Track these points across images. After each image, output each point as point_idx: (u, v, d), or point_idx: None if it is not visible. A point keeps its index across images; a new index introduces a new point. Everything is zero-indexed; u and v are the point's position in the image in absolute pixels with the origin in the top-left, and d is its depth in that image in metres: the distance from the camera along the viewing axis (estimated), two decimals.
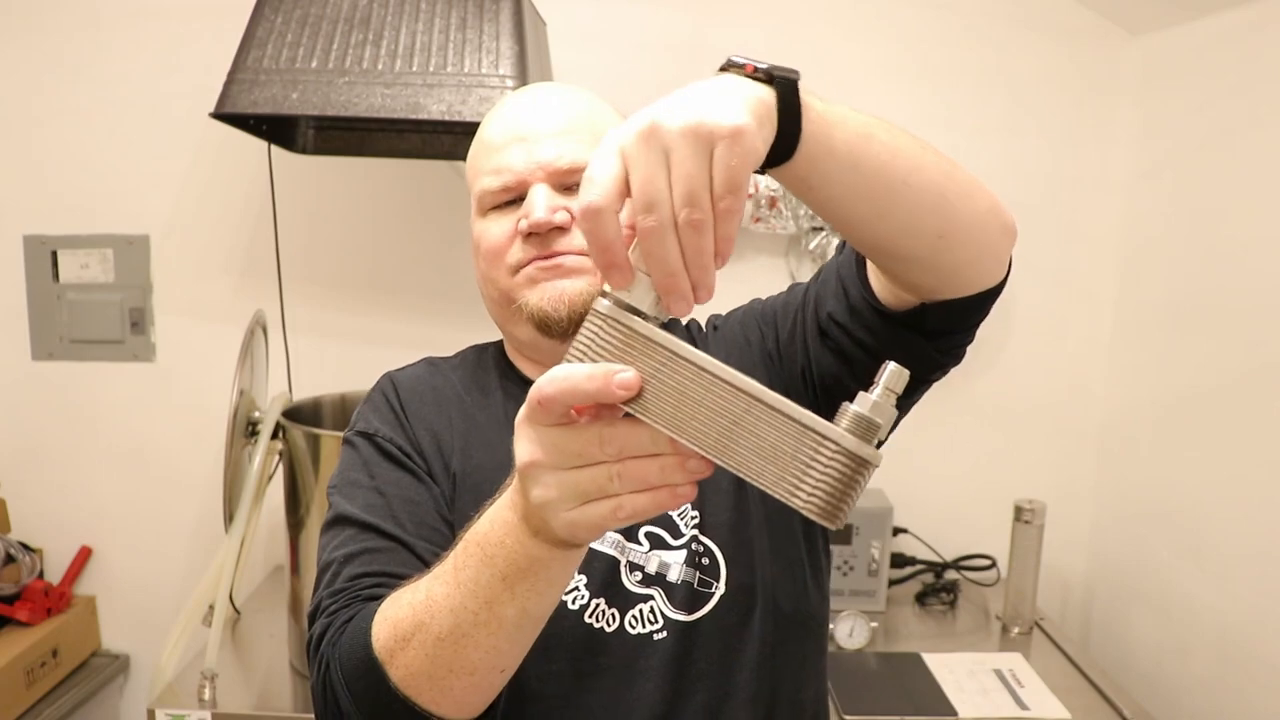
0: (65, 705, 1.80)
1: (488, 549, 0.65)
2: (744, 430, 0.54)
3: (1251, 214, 1.53)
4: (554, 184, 0.86)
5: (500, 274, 0.88)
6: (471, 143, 0.93)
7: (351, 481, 0.87)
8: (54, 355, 1.95)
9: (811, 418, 0.54)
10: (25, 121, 1.88)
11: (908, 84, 1.88)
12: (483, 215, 0.89)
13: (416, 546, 0.82)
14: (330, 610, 0.79)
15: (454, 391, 0.93)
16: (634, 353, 0.56)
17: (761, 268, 1.93)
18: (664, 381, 0.55)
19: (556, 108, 0.89)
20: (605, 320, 0.56)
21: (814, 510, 0.54)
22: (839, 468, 0.53)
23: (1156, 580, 1.75)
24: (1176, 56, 1.75)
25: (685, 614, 0.85)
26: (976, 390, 1.97)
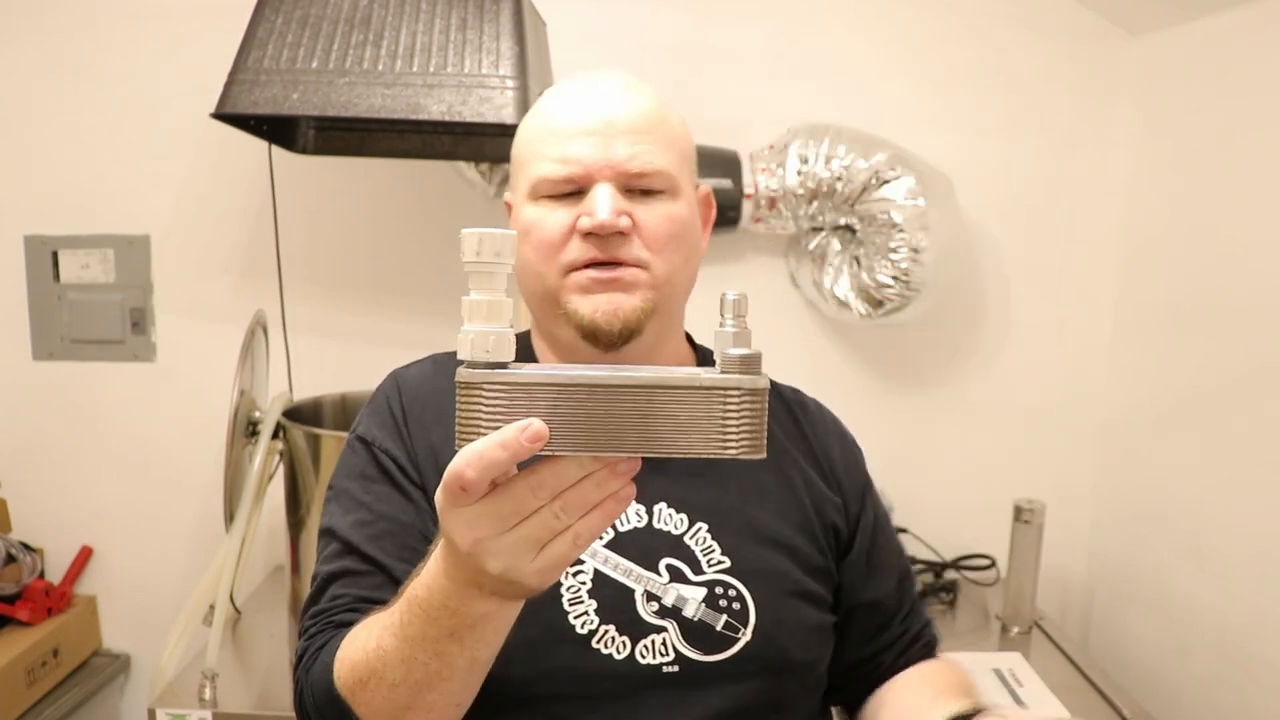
0: (66, 705, 1.80)
1: (430, 611, 0.65)
2: (656, 418, 0.56)
3: (1251, 214, 1.53)
4: (619, 185, 0.83)
5: (551, 270, 0.84)
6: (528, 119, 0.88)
7: (345, 491, 0.88)
8: (54, 355, 1.95)
9: (706, 378, 0.57)
10: (25, 121, 1.88)
11: (908, 84, 1.88)
12: (534, 201, 0.85)
13: (394, 570, 0.83)
14: (310, 632, 0.82)
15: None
16: (522, 403, 0.56)
17: (761, 268, 1.94)
18: (564, 412, 0.56)
19: (634, 105, 0.85)
20: (479, 389, 0.56)
21: (745, 451, 0.58)
22: (750, 407, 0.57)
23: (1156, 580, 1.75)
24: (1176, 56, 1.75)
25: (702, 654, 0.83)
26: (977, 390, 1.97)
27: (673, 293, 0.87)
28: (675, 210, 0.85)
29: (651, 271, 0.84)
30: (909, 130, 1.81)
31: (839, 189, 1.74)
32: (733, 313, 0.60)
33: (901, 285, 1.73)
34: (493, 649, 0.68)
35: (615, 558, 0.84)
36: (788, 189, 1.77)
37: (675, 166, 0.85)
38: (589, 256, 0.83)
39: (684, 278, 0.88)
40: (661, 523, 0.87)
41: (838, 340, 1.96)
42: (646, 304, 0.84)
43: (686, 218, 0.86)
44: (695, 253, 0.89)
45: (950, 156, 1.82)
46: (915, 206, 1.70)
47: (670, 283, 0.86)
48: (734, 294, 0.61)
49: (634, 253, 0.83)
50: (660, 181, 0.84)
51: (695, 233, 0.89)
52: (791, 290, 1.95)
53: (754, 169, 1.79)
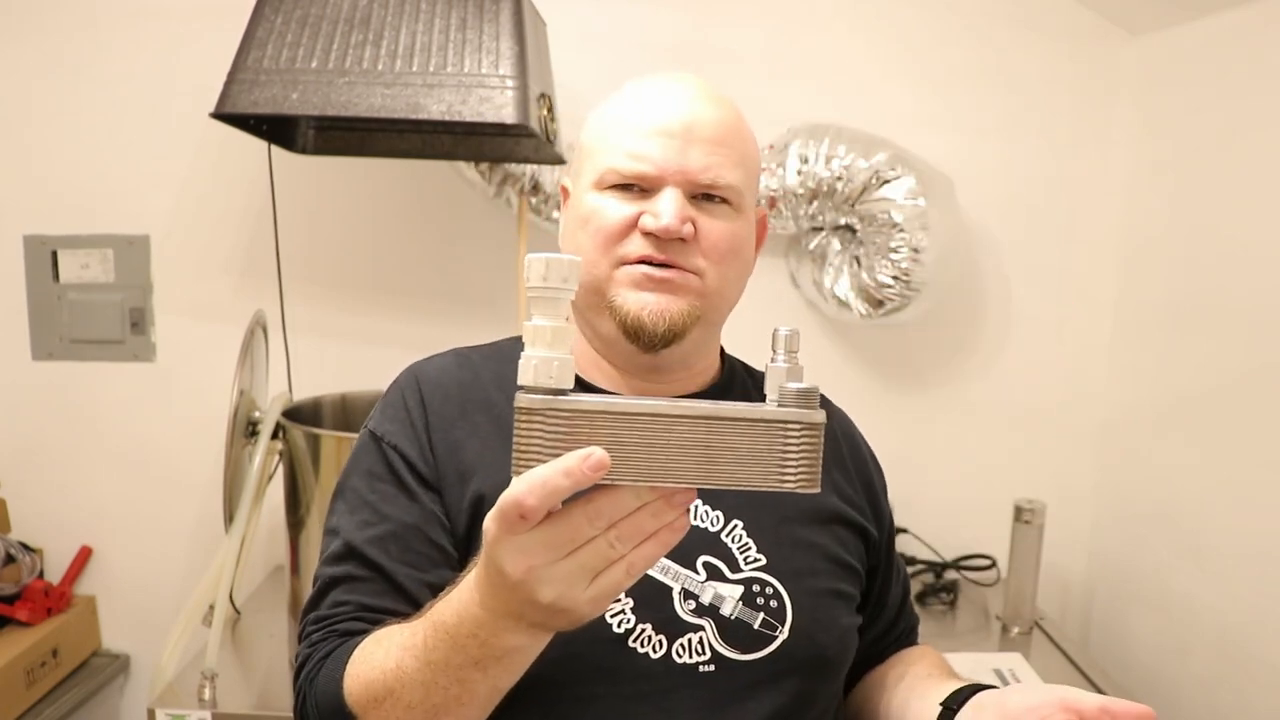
0: (65, 705, 1.80)
1: (459, 640, 0.65)
2: (716, 450, 0.57)
3: (1251, 214, 1.53)
4: (687, 191, 0.83)
5: (604, 261, 0.83)
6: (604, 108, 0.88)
7: (353, 489, 0.87)
8: (54, 355, 1.95)
9: (766, 410, 0.58)
10: (25, 121, 1.88)
11: (908, 84, 1.88)
12: (599, 190, 0.84)
13: (397, 575, 0.82)
14: (313, 639, 0.81)
15: (483, 392, 0.88)
16: (584, 430, 0.56)
17: (761, 268, 1.90)
18: (625, 441, 0.57)
19: (714, 115, 0.84)
20: (540, 415, 0.57)
21: (803, 485, 0.59)
22: (807, 441, 0.59)
23: (1156, 580, 1.75)
24: (1176, 56, 1.75)
25: (739, 652, 0.82)
26: (977, 390, 1.97)
27: (720, 304, 0.87)
28: (737, 225, 0.86)
29: (705, 280, 0.84)
30: (909, 130, 1.81)
31: (839, 189, 1.74)
32: (785, 348, 0.62)
33: (901, 285, 1.73)
34: (516, 678, 0.68)
35: None
36: (788, 189, 1.77)
37: (744, 183, 0.85)
38: (646, 254, 0.82)
39: (733, 293, 0.89)
40: (698, 519, 0.86)
41: (838, 340, 1.96)
42: (694, 310, 0.84)
43: (745, 235, 0.87)
44: (747, 269, 0.90)
45: (950, 156, 1.82)
46: (915, 206, 1.70)
47: (720, 295, 0.86)
48: (786, 330, 0.62)
49: (691, 260, 0.83)
50: (728, 195, 0.84)
51: (750, 250, 0.90)
52: (791, 290, 1.95)
53: None
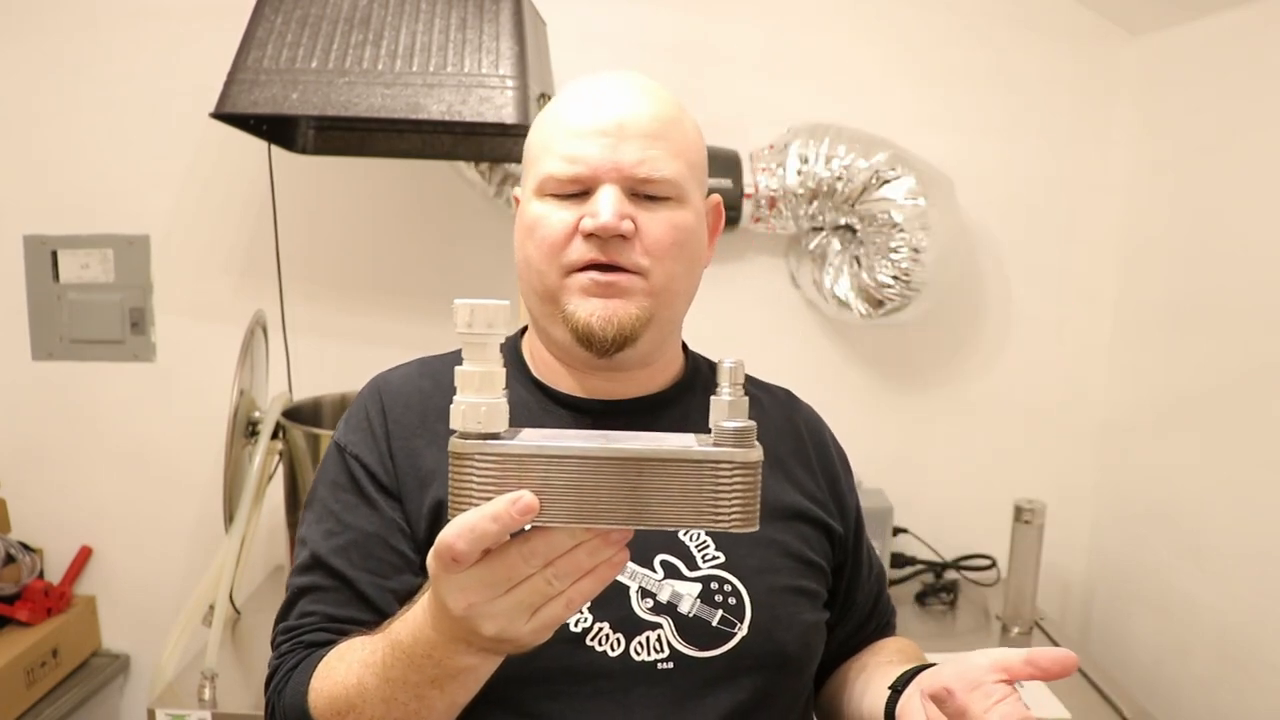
0: (65, 705, 1.80)
1: (414, 660, 0.67)
2: (648, 489, 0.57)
3: (1251, 214, 1.53)
4: (625, 188, 0.82)
5: (552, 270, 0.83)
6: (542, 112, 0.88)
7: (320, 499, 0.89)
8: (54, 355, 1.95)
9: (698, 451, 0.57)
10: (25, 121, 1.88)
11: (908, 84, 1.88)
12: (541, 198, 0.84)
13: (359, 583, 0.83)
14: (281, 650, 0.84)
15: (444, 399, 0.87)
16: (514, 473, 0.57)
17: (761, 268, 1.94)
18: (555, 483, 0.57)
19: (648, 109, 0.83)
20: (471, 459, 0.57)
21: (737, 524, 0.58)
22: (742, 480, 0.57)
23: (1156, 580, 1.75)
24: (1176, 56, 1.75)
25: (697, 650, 0.83)
26: (977, 390, 1.97)
27: (671, 301, 0.86)
28: (680, 218, 0.84)
29: (649, 279, 0.83)
30: (909, 130, 1.81)
31: (839, 189, 1.74)
32: (729, 380, 0.60)
33: (902, 285, 1.73)
34: (473, 693, 0.69)
35: None
36: (788, 189, 1.77)
37: (684, 175, 0.84)
38: (590, 258, 0.82)
39: (684, 287, 0.87)
40: None
41: (838, 340, 1.96)
42: (643, 312, 0.83)
43: (691, 226, 0.86)
44: (698, 262, 0.89)
45: (950, 156, 1.82)
46: (915, 206, 1.70)
47: (668, 291, 0.85)
48: (731, 362, 0.61)
49: (634, 258, 0.82)
50: (667, 189, 0.83)
51: (699, 242, 0.88)
52: (791, 290, 1.95)
53: (754, 169, 1.79)
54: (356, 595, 0.83)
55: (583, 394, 0.89)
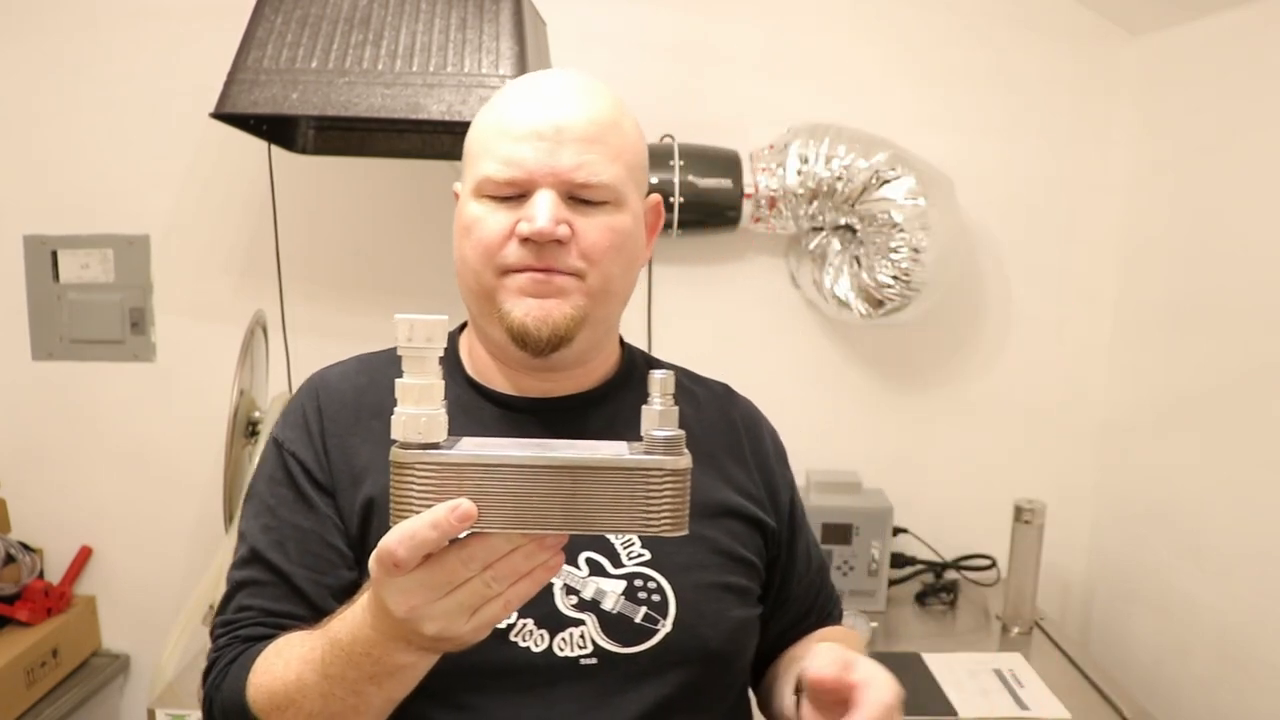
0: (65, 705, 1.80)
1: (353, 657, 0.69)
2: (582, 496, 0.60)
3: (1251, 214, 1.53)
4: (562, 192, 0.82)
5: (487, 271, 0.84)
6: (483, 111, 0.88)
7: (258, 494, 0.90)
8: (54, 355, 1.95)
9: (630, 460, 0.60)
10: (25, 121, 1.88)
11: (908, 84, 1.88)
12: (479, 198, 0.84)
13: (295, 576, 0.85)
14: (219, 644, 0.86)
15: (379, 397, 0.89)
16: (453, 481, 0.59)
17: (761, 268, 1.94)
18: (491, 491, 0.59)
19: (586, 111, 0.83)
20: (411, 468, 0.60)
21: (667, 528, 0.61)
22: (672, 487, 0.60)
23: (1156, 580, 1.75)
24: (1176, 56, 1.75)
25: (621, 646, 0.84)
26: (977, 390, 1.97)
27: (606, 302, 0.87)
28: (617, 222, 0.84)
29: (586, 281, 0.84)
30: (909, 130, 1.81)
31: (839, 189, 1.74)
32: (660, 391, 0.63)
33: (902, 285, 1.73)
34: (409, 689, 0.72)
35: None
36: (788, 189, 1.77)
37: (621, 178, 0.84)
38: (525, 263, 0.82)
39: (620, 288, 0.88)
40: None
41: (838, 340, 1.96)
42: (578, 312, 0.84)
43: (629, 229, 0.86)
44: (635, 263, 0.89)
45: (950, 156, 1.82)
46: (915, 206, 1.70)
47: (605, 292, 0.86)
48: (661, 374, 0.63)
49: (569, 262, 0.82)
50: (604, 193, 0.83)
51: (637, 244, 0.89)
52: (791, 290, 1.95)
53: (754, 169, 1.79)
54: (293, 590, 0.85)
55: (516, 392, 0.90)
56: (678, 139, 1.81)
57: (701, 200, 1.77)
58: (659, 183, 1.76)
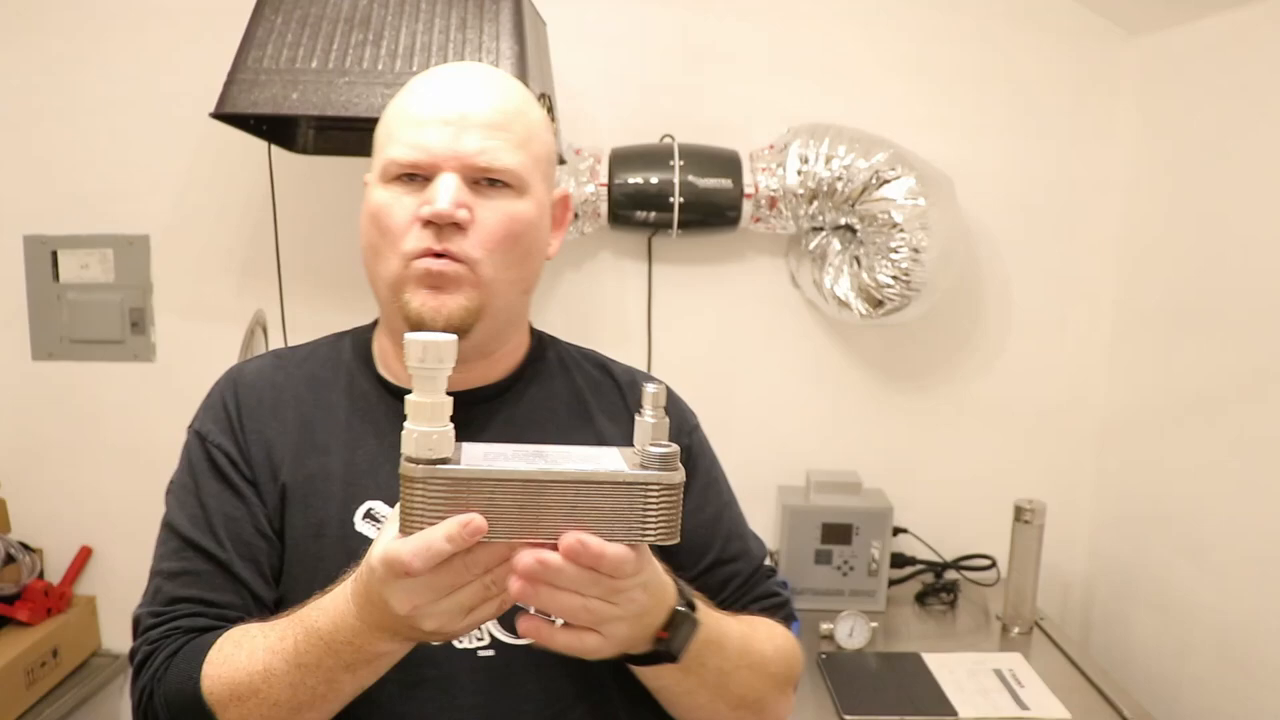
0: (65, 705, 1.80)
1: (334, 646, 0.72)
2: (581, 509, 0.63)
3: (1252, 214, 1.53)
4: (465, 177, 0.83)
5: (394, 257, 0.84)
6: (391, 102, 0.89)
7: (182, 485, 0.91)
8: (54, 355, 1.95)
9: (628, 474, 0.63)
10: (25, 121, 1.88)
11: (908, 83, 1.88)
12: (385, 184, 0.85)
13: (233, 565, 0.86)
14: (153, 636, 0.84)
15: (294, 391, 0.91)
16: (462, 495, 0.62)
17: (762, 268, 1.94)
18: (500, 504, 0.63)
19: (491, 98, 0.85)
20: (422, 483, 0.62)
21: (663, 537, 0.65)
22: (667, 499, 0.64)
23: (1156, 580, 1.75)
24: (1176, 56, 1.75)
25: (516, 636, 0.85)
26: (976, 390, 1.97)
27: (502, 292, 0.87)
28: (518, 209, 0.85)
29: (478, 271, 0.84)
30: (909, 130, 1.81)
31: (839, 189, 1.74)
32: (653, 405, 0.65)
33: (902, 285, 1.73)
34: (378, 678, 0.75)
35: None
36: (788, 189, 1.77)
37: (526, 166, 0.85)
38: (425, 246, 0.83)
39: (517, 278, 0.88)
40: None
41: (838, 340, 1.96)
42: (472, 304, 0.84)
43: (531, 218, 0.86)
44: (536, 254, 0.90)
45: (950, 156, 1.82)
46: (916, 206, 1.70)
47: (498, 282, 0.86)
48: (654, 387, 0.65)
49: (464, 248, 0.83)
50: (507, 178, 0.84)
51: (539, 234, 0.89)
52: (791, 290, 1.95)
53: (754, 169, 1.79)
54: (231, 578, 0.85)
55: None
56: (678, 139, 1.81)
57: (701, 200, 1.77)
58: (659, 183, 1.76)
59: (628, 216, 1.79)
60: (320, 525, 0.85)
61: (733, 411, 1.96)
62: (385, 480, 0.87)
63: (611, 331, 1.95)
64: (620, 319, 1.95)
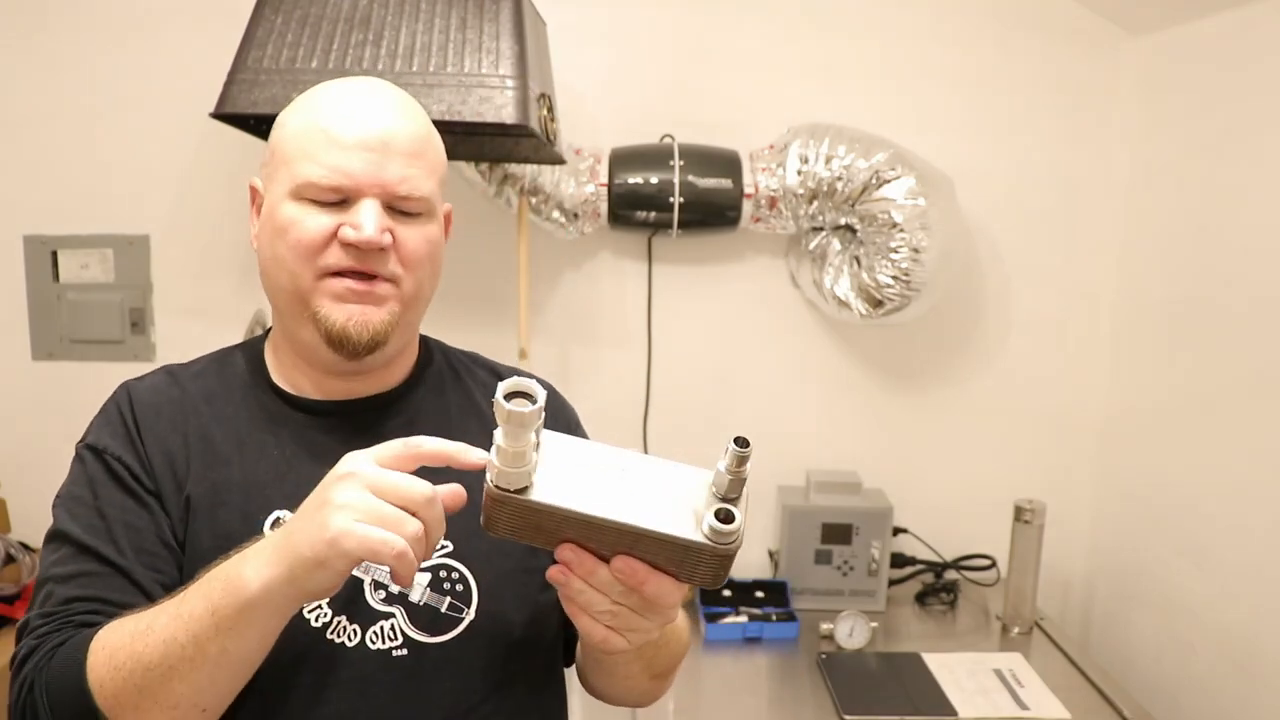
0: None
1: (209, 585, 0.73)
2: (640, 549, 0.67)
3: (1251, 214, 1.54)
4: (384, 202, 0.86)
5: (306, 272, 0.86)
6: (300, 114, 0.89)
7: (75, 498, 0.88)
8: (54, 355, 1.95)
9: (684, 539, 0.65)
10: (25, 121, 1.88)
11: (908, 84, 1.88)
12: (297, 200, 0.86)
13: (134, 572, 0.84)
14: (40, 631, 0.81)
15: (191, 404, 0.93)
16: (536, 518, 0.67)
17: (762, 268, 1.94)
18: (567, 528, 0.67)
19: (409, 128, 0.88)
20: (504, 504, 0.67)
21: (707, 584, 0.69)
22: (715, 564, 0.67)
23: (1156, 580, 1.75)
24: (1176, 56, 1.75)
25: (429, 635, 0.87)
26: (976, 391, 1.97)
27: (416, 306, 0.92)
28: (431, 232, 0.90)
29: (401, 288, 0.88)
30: (909, 130, 1.81)
31: (839, 189, 1.74)
32: (734, 461, 0.67)
33: (902, 285, 1.73)
34: (243, 649, 0.73)
35: None
36: (788, 189, 1.77)
37: (435, 192, 0.90)
38: (347, 265, 0.85)
39: (428, 293, 0.93)
40: None
41: (838, 340, 1.96)
42: (393, 317, 0.88)
43: (439, 239, 0.92)
44: (439, 270, 0.95)
45: (951, 156, 1.82)
46: (915, 206, 1.70)
47: (417, 298, 0.91)
48: (733, 447, 0.67)
49: (389, 268, 0.87)
50: (422, 205, 0.88)
51: (442, 251, 0.94)
52: (791, 290, 1.95)
53: (754, 169, 1.79)
54: (131, 584, 0.84)
55: (321, 396, 0.93)
56: (678, 139, 1.81)
57: (701, 200, 1.77)
58: (659, 183, 1.76)
59: (628, 216, 1.79)
60: (228, 536, 0.84)
61: (733, 411, 1.96)
62: (290, 489, 0.86)
63: (611, 331, 1.95)
64: (620, 319, 1.95)
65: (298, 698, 0.84)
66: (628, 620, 0.72)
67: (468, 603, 0.89)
